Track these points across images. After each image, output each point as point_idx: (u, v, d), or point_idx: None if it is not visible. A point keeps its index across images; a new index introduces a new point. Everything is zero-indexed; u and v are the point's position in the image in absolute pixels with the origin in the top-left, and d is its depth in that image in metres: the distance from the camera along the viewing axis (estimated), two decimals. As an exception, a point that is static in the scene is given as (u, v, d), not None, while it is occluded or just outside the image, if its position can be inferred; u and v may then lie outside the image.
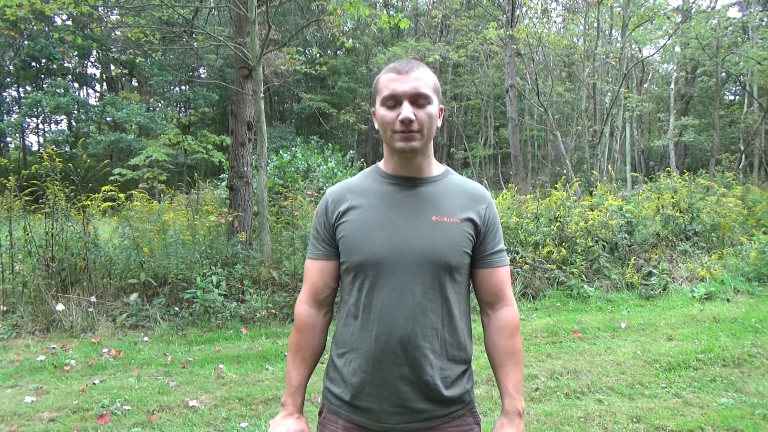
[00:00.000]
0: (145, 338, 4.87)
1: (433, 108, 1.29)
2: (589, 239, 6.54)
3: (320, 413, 1.45)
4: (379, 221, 1.30)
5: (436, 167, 1.41)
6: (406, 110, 1.25)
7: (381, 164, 1.42)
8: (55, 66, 21.25)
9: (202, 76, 24.13)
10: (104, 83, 25.08)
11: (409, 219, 1.29)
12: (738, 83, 19.91)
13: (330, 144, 11.45)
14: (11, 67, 21.37)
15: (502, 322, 1.37)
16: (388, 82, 1.29)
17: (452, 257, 1.27)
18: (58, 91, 18.58)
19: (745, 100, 18.92)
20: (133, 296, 5.33)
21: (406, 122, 1.25)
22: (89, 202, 5.85)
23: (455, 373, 1.33)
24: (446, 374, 1.31)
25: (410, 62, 1.31)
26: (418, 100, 1.26)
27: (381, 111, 1.31)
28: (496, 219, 1.39)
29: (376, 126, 1.35)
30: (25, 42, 18.83)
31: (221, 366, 4.15)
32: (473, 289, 1.41)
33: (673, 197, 7.64)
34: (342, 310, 1.38)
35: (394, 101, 1.28)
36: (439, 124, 1.35)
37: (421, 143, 1.29)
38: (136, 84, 22.73)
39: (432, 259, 1.26)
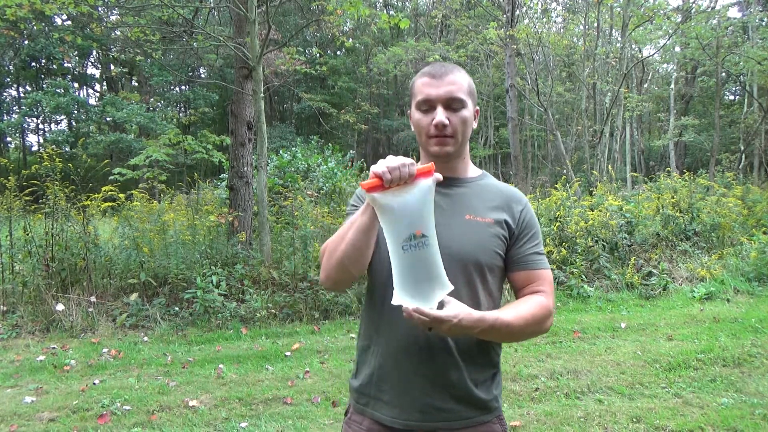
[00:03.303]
0: (145, 338, 4.87)
1: (468, 112, 1.30)
2: (589, 239, 6.54)
3: (346, 413, 1.43)
4: None
5: (472, 169, 1.41)
6: (440, 115, 1.26)
7: (419, 165, 1.42)
8: (55, 66, 21.25)
9: (202, 76, 24.13)
10: (104, 83, 25.07)
11: (444, 217, 1.27)
12: (738, 83, 19.91)
13: (330, 144, 11.44)
14: (11, 67, 21.37)
15: (533, 298, 1.30)
16: (422, 86, 1.30)
17: (483, 256, 1.26)
18: (58, 91, 18.58)
19: (745, 100, 18.92)
20: (133, 296, 5.33)
21: (440, 127, 1.26)
22: (89, 202, 5.85)
23: (483, 376, 1.31)
24: (474, 376, 1.29)
25: (445, 66, 1.32)
26: (452, 104, 1.27)
27: (416, 115, 1.31)
28: (533, 222, 1.36)
29: (413, 128, 1.36)
30: (25, 42, 18.82)
31: (221, 366, 4.15)
32: (512, 294, 1.39)
33: (673, 197, 7.64)
34: (366, 303, 1.38)
35: (428, 105, 1.28)
36: (475, 125, 1.35)
37: (455, 147, 1.30)
38: (136, 84, 22.73)
39: (464, 258, 1.25)
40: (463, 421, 1.28)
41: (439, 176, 1.14)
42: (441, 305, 1.13)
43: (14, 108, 22.13)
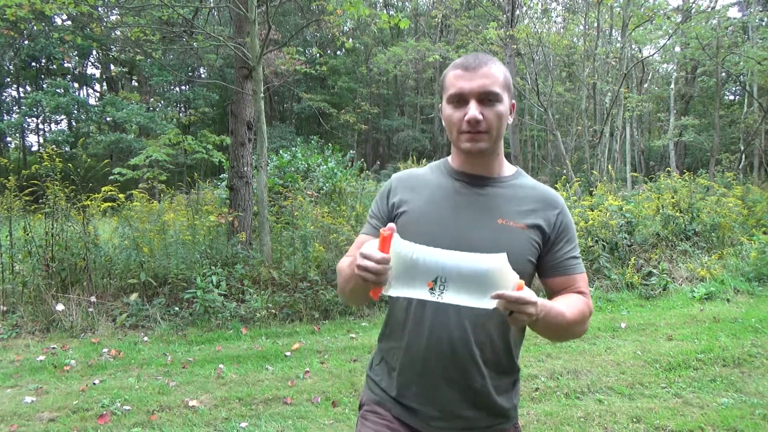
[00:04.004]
0: (145, 338, 4.87)
1: (503, 106, 1.22)
2: (589, 239, 6.54)
3: (360, 406, 1.38)
4: (440, 217, 1.24)
5: (506, 167, 1.33)
6: (473, 110, 1.18)
7: (450, 159, 1.35)
8: (55, 66, 21.25)
9: (202, 76, 24.13)
10: (104, 83, 25.07)
11: (474, 219, 1.23)
12: (738, 83, 19.91)
13: (330, 144, 11.44)
14: (11, 67, 21.37)
15: (575, 296, 1.27)
16: (454, 78, 1.22)
17: (515, 264, 1.17)
18: (58, 91, 18.58)
19: (745, 100, 18.92)
20: (133, 296, 5.33)
21: (473, 123, 1.18)
22: (89, 202, 5.85)
23: (505, 383, 1.28)
24: (496, 383, 1.25)
25: (478, 57, 1.23)
26: (486, 98, 1.19)
27: (447, 109, 1.24)
28: (569, 226, 1.30)
29: (444, 123, 1.28)
30: (25, 42, 18.82)
31: (221, 366, 4.15)
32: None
33: (673, 197, 7.64)
34: (393, 301, 1.32)
35: (460, 99, 1.21)
36: (511, 120, 1.28)
37: (488, 144, 1.23)
38: (136, 84, 22.73)
39: None
40: (482, 429, 1.26)
41: (392, 226, 1.07)
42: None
43: (14, 108, 22.12)
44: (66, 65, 22.05)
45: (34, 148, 24.55)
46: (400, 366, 1.27)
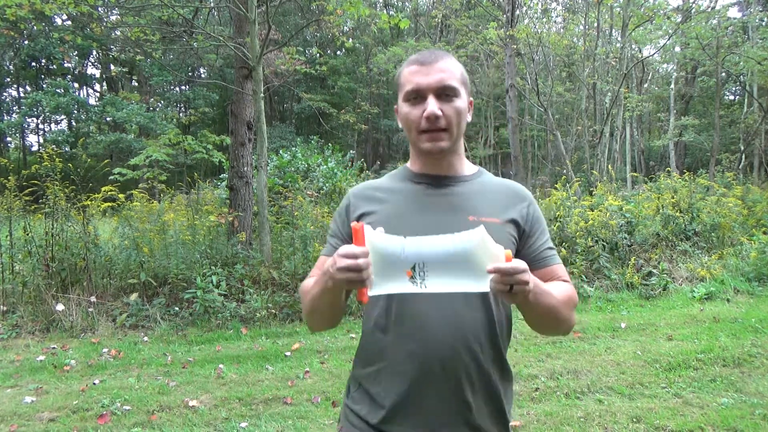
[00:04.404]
0: (145, 338, 4.87)
1: (462, 102, 1.17)
2: (589, 239, 6.54)
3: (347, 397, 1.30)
4: (408, 223, 1.16)
5: (468, 166, 1.28)
6: (432, 105, 1.13)
7: (409, 164, 1.30)
8: (55, 66, 21.26)
9: (202, 76, 24.13)
10: (104, 83, 25.08)
11: (444, 220, 1.15)
12: (738, 83, 19.91)
13: (330, 144, 11.45)
14: (11, 67, 21.37)
15: (560, 282, 1.22)
16: (410, 75, 1.17)
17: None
18: (58, 91, 18.58)
19: (745, 100, 18.92)
20: (133, 296, 5.33)
21: (432, 119, 1.13)
22: (89, 202, 5.85)
23: (499, 393, 1.19)
24: (490, 395, 1.17)
25: (434, 52, 1.19)
26: (444, 93, 1.14)
27: (404, 108, 1.18)
28: (540, 217, 1.26)
29: (400, 124, 1.23)
30: (25, 42, 18.83)
31: (221, 366, 4.15)
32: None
33: (673, 197, 7.64)
34: (366, 322, 1.22)
35: (417, 96, 1.16)
36: (469, 118, 1.22)
37: (449, 142, 1.17)
38: (136, 84, 22.73)
39: None
40: None
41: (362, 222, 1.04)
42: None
43: (14, 108, 22.14)
44: (66, 65, 22.06)
45: (34, 148, 24.58)
46: (383, 390, 1.16)
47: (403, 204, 1.20)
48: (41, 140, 23.79)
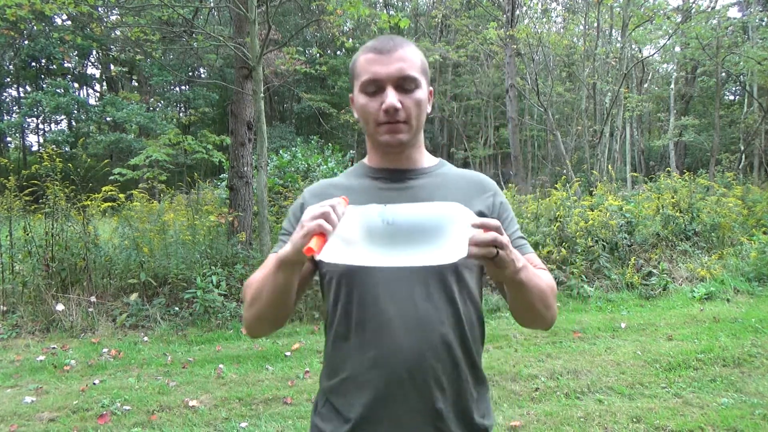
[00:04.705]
0: (145, 338, 4.87)
1: (422, 92, 1.10)
2: (589, 239, 6.54)
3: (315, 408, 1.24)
4: None
5: (428, 158, 1.21)
6: (391, 97, 1.05)
7: (365, 160, 1.23)
8: (55, 66, 21.25)
9: (202, 76, 24.13)
10: (104, 83, 25.08)
11: None
12: (738, 83, 19.91)
13: (330, 144, 11.45)
14: (11, 67, 21.37)
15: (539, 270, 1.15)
16: (367, 63, 1.09)
17: (462, 259, 1.04)
18: (58, 91, 18.58)
19: (745, 100, 18.92)
20: (133, 296, 5.33)
21: (391, 111, 1.06)
22: (89, 202, 5.85)
23: (474, 396, 1.12)
24: (463, 401, 1.09)
25: (393, 38, 1.11)
26: (404, 84, 1.07)
27: (361, 99, 1.10)
28: (506, 207, 1.19)
29: (356, 116, 1.15)
30: (25, 42, 18.83)
31: (221, 366, 4.15)
32: (503, 294, 1.17)
33: (673, 197, 7.64)
34: (329, 332, 1.14)
35: (375, 87, 1.08)
36: (429, 109, 1.15)
37: (409, 135, 1.10)
38: (136, 84, 22.73)
39: None
40: None
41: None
42: None
43: (14, 108, 22.14)
44: (66, 65, 22.06)
45: (34, 148, 24.58)
46: (348, 403, 1.09)
47: (362, 201, 1.08)
48: (41, 140, 23.80)
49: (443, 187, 1.15)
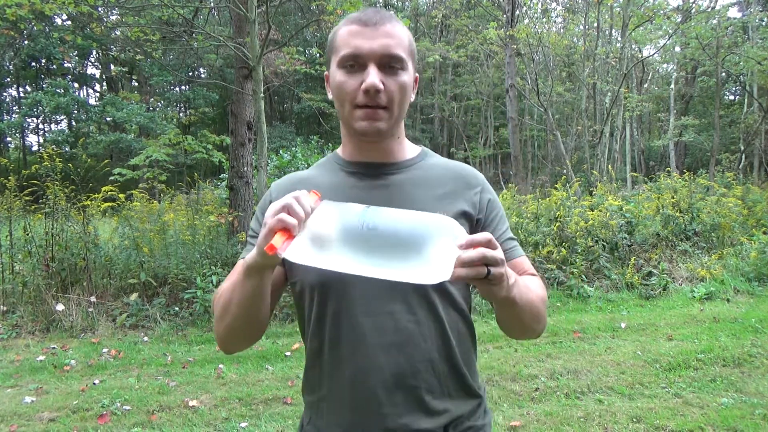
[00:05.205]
0: (145, 338, 4.87)
1: (408, 76, 0.98)
2: (589, 239, 6.54)
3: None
4: None
5: (409, 148, 1.08)
6: (373, 76, 0.92)
7: (339, 150, 1.10)
8: (55, 66, 21.26)
9: (202, 76, 24.14)
10: (104, 83, 25.10)
11: None
12: (738, 83, 19.91)
13: (330, 144, 11.47)
14: (11, 67, 21.37)
15: (528, 276, 1.05)
16: (349, 36, 0.95)
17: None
18: (58, 91, 18.59)
19: (745, 100, 18.93)
20: (133, 296, 5.33)
21: (372, 92, 0.92)
22: (89, 202, 5.85)
23: (463, 412, 1.01)
24: (452, 417, 0.99)
25: (379, 11, 0.98)
26: (389, 62, 0.94)
27: (338, 75, 0.96)
28: (496, 204, 1.07)
29: (330, 96, 1.02)
30: (25, 42, 18.83)
31: (221, 366, 4.15)
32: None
33: (673, 197, 7.65)
34: (305, 344, 1.05)
35: (355, 62, 0.94)
36: (413, 97, 1.03)
37: (388, 124, 0.97)
38: (136, 84, 22.75)
39: None
40: None
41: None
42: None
43: (14, 108, 22.14)
44: (66, 65, 22.06)
45: (34, 148, 24.58)
46: (327, 425, 1.00)
47: (332, 199, 0.94)
48: (41, 140, 23.79)
49: (424, 184, 1.02)
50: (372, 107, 0.94)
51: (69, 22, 16.63)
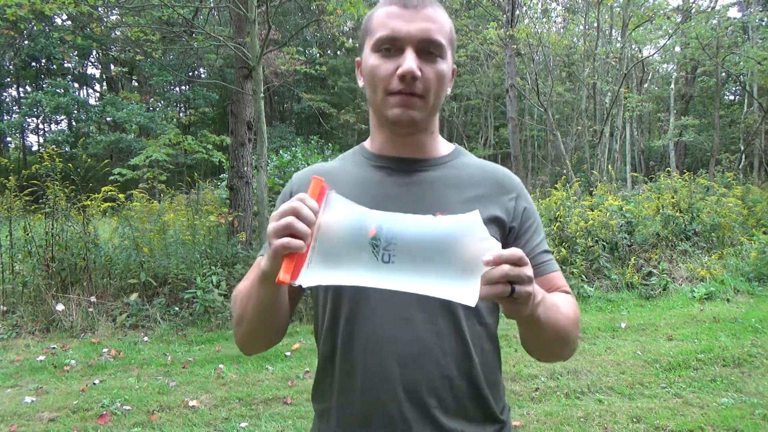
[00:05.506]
0: (145, 338, 4.87)
1: (447, 65, 0.91)
2: (589, 239, 6.54)
3: None
4: None
5: (443, 145, 1.02)
6: (410, 61, 0.85)
7: (367, 143, 1.04)
8: (55, 66, 21.27)
9: (202, 76, 24.14)
10: (104, 83, 25.10)
11: None
12: (738, 83, 19.91)
13: (330, 144, 11.47)
14: (11, 67, 21.37)
15: (561, 294, 0.97)
16: (387, 17, 0.88)
17: None
18: (58, 91, 18.60)
19: (745, 100, 18.93)
20: (133, 296, 5.33)
21: (408, 79, 0.85)
22: (89, 202, 5.85)
23: None
24: None
25: None
26: (428, 49, 0.87)
27: (371, 60, 0.90)
28: (532, 213, 0.99)
29: (360, 83, 0.96)
30: (25, 42, 18.84)
31: (221, 366, 4.15)
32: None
33: (673, 197, 7.65)
34: (319, 352, 0.99)
35: (392, 46, 0.87)
36: (449, 90, 0.96)
37: (423, 114, 0.90)
38: (136, 84, 22.75)
39: None
40: None
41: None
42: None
43: (14, 108, 22.15)
44: (66, 65, 22.07)
45: (34, 148, 24.58)
46: None
47: (357, 195, 0.86)
48: (41, 140, 23.80)
49: (456, 185, 0.95)
50: (407, 94, 0.87)
51: (69, 22, 16.63)
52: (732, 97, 24.44)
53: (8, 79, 22.02)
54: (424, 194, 0.93)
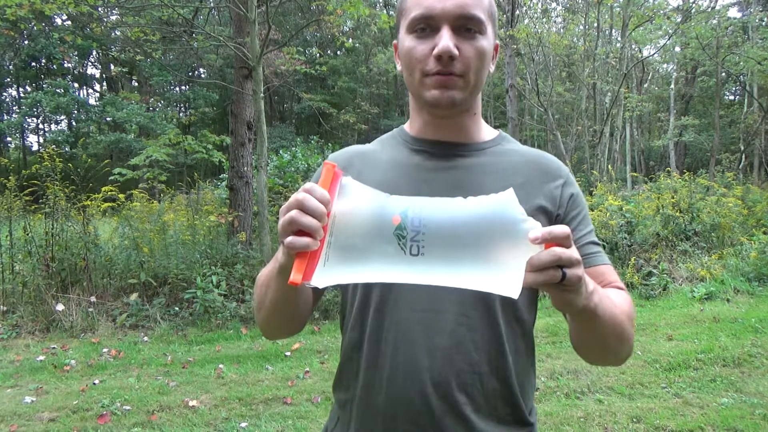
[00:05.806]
0: (145, 338, 4.87)
1: (487, 42, 0.85)
2: (589, 239, 6.54)
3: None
4: None
5: (486, 130, 0.96)
6: (446, 39, 0.80)
7: (407, 125, 0.99)
8: (55, 66, 21.27)
9: (202, 76, 24.13)
10: (104, 83, 25.12)
11: None
12: (738, 83, 19.91)
13: (330, 144, 11.47)
14: (11, 67, 21.38)
15: (614, 290, 0.91)
16: None
17: None
18: (58, 91, 18.59)
19: (745, 100, 18.93)
20: (133, 296, 5.33)
21: (445, 59, 0.81)
22: (89, 202, 5.85)
23: None
24: None
25: None
26: (465, 25, 0.82)
27: (407, 42, 0.85)
28: (579, 201, 0.93)
29: (398, 68, 0.91)
30: (25, 42, 18.85)
31: (221, 366, 4.15)
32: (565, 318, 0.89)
33: (673, 197, 7.65)
34: (343, 335, 0.96)
35: (427, 25, 0.83)
36: (492, 68, 0.90)
37: (464, 94, 0.85)
38: (136, 84, 22.75)
39: None
40: None
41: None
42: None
43: (14, 108, 22.15)
44: (66, 65, 22.08)
45: (34, 148, 24.59)
46: (355, 429, 0.90)
47: (392, 180, 0.87)
48: (41, 140, 23.81)
49: (498, 172, 0.89)
50: (445, 74, 0.83)
51: (69, 22, 16.63)
52: (732, 97, 24.45)
53: (8, 79, 22.03)
54: (463, 180, 0.88)
